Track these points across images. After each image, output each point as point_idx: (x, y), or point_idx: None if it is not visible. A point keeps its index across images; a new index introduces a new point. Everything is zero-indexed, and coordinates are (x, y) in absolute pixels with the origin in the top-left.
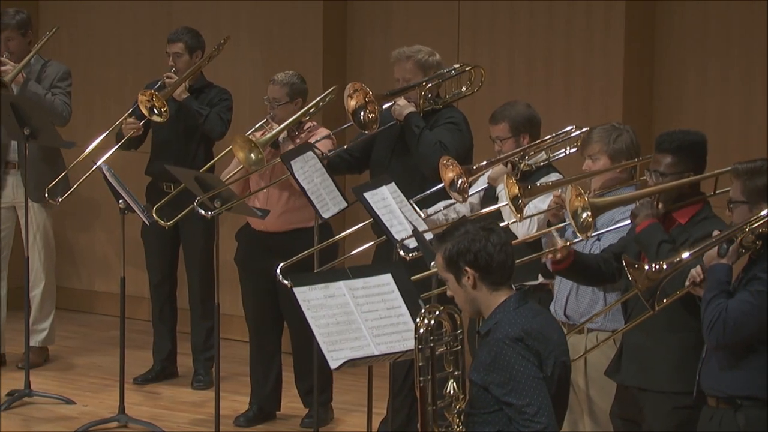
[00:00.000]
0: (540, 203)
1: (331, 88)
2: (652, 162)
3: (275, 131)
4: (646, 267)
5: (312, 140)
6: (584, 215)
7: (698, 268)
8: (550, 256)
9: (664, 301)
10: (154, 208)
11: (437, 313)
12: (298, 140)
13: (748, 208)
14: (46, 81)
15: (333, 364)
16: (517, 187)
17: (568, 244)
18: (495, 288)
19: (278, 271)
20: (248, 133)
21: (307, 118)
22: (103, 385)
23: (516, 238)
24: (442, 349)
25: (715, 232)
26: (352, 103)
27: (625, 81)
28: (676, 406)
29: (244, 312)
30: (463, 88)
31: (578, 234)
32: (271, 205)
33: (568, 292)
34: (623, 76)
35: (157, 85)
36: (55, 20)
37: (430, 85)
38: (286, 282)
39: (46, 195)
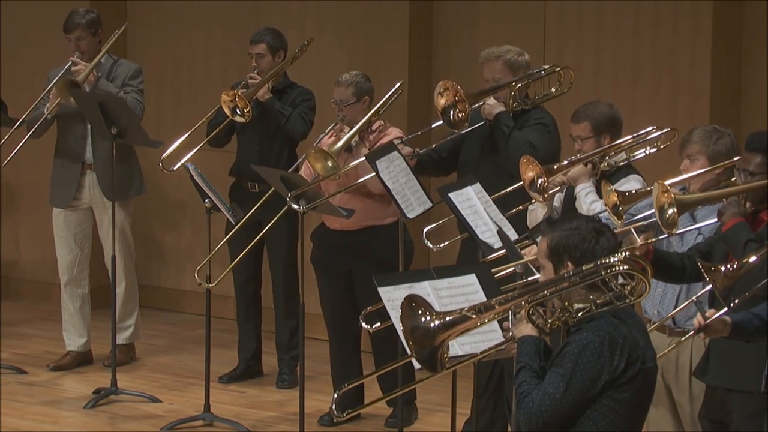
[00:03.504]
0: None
1: (397, 85)
2: (741, 161)
3: (347, 137)
4: (722, 268)
5: (383, 140)
6: (670, 211)
7: (698, 316)
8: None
9: (736, 301)
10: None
11: (628, 267)
12: (367, 141)
13: None
14: (118, 80)
15: (417, 365)
16: (616, 195)
17: (648, 241)
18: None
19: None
20: (319, 139)
21: (376, 117)
22: (189, 383)
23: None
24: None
25: None
26: (441, 102)
27: (712, 81)
28: (765, 408)
29: (323, 311)
30: (552, 89)
31: (664, 230)
32: (343, 204)
33: (677, 294)
34: (710, 77)
35: (241, 86)
36: (143, 20)
37: (519, 85)
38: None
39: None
